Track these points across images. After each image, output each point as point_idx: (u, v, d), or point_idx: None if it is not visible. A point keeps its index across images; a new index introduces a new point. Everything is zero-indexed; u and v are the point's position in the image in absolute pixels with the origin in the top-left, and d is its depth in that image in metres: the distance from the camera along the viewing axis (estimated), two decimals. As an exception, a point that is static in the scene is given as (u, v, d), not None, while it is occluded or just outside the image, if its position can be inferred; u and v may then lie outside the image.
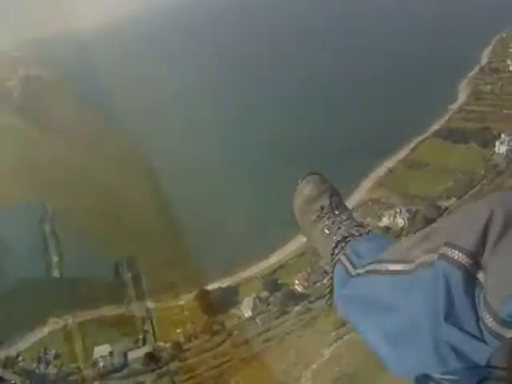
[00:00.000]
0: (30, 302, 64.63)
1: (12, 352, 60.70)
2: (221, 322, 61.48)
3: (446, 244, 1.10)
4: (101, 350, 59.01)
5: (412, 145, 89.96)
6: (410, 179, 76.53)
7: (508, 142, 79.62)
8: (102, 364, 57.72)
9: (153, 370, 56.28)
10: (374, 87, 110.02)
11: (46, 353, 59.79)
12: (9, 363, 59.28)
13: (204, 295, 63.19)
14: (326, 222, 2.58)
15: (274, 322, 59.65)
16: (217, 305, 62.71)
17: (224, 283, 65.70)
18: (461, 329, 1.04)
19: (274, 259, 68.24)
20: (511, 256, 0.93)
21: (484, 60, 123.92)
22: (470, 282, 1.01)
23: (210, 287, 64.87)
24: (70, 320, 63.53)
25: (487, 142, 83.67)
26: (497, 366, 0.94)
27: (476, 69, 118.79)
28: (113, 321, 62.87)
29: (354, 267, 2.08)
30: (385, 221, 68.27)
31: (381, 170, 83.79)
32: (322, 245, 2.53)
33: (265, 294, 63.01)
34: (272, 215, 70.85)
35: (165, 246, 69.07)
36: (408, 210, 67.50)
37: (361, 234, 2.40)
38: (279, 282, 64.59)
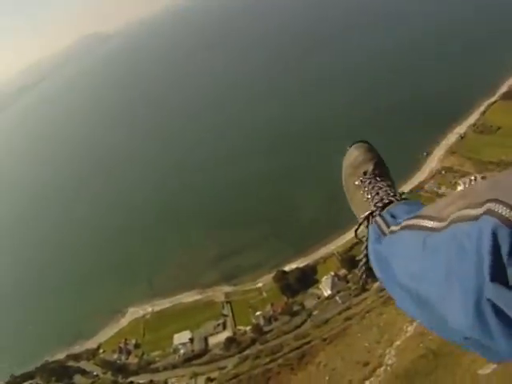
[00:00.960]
0: (110, 292, 65.97)
1: (92, 344, 61.92)
2: (300, 302, 60.13)
3: (494, 201, 1.05)
4: (181, 337, 59.35)
5: (482, 108, 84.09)
6: (482, 145, 71.59)
7: None
8: (182, 351, 57.81)
9: (234, 355, 55.66)
10: (438, 53, 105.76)
11: (126, 343, 60.65)
12: (90, 355, 60.46)
13: (282, 276, 61.69)
14: (367, 188, 2.60)
15: (353, 300, 57.60)
16: (295, 285, 61.15)
17: (301, 263, 64.14)
18: (510, 288, 0.98)
19: (349, 236, 65.59)
20: None
21: None
22: None
23: (287, 268, 63.40)
24: (149, 309, 64.03)
25: None
26: None
27: None
28: (192, 307, 62.86)
29: (388, 226, 2.09)
30: (460, 189, 63.21)
31: (451, 137, 78.92)
32: (362, 208, 2.55)
33: (343, 271, 60.99)
34: (343, 195, 68.61)
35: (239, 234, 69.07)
36: (483, 177, 62.90)
37: (398, 200, 2.40)
38: (357, 258, 61.80)
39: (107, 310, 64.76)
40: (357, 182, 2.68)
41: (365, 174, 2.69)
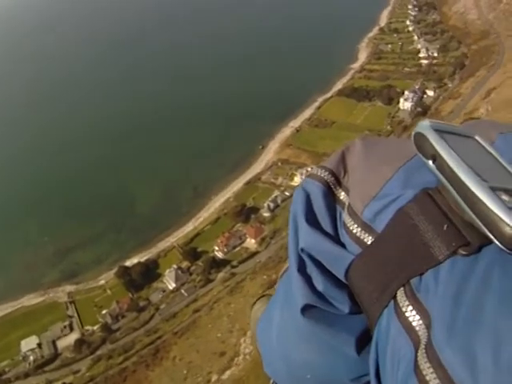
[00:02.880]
0: None
1: None
2: (146, 297, 61.99)
3: (319, 166, 1.11)
4: (28, 343, 57.91)
5: (316, 104, 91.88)
6: (317, 138, 78.66)
7: (412, 98, 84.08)
8: (31, 358, 56.43)
9: (86, 357, 55.87)
10: (276, 49, 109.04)
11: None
12: None
13: (124, 272, 62.77)
14: None
15: (200, 292, 61.00)
16: (139, 280, 62.73)
17: (142, 257, 65.81)
18: (320, 230, 1.00)
19: (188, 228, 68.97)
20: (371, 163, 1.00)
21: (383, 20, 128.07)
22: (331, 194, 1.04)
23: (128, 263, 64.70)
24: (-12, 316, 61.18)
25: (391, 99, 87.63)
26: (353, 280, 0.91)
27: (375, 30, 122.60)
28: (36, 310, 61.47)
29: None
30: (297, 180, 70.27)
31: (287, 130, 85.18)
32: None
33: (185, 263, 64.19)
34: (181, 185, 71.04)
35: (75, 227, 67.47)
36: (319, 168, 69.64)
37: None
38: (198, 250, 65.85)
39: None
40: None
41: None
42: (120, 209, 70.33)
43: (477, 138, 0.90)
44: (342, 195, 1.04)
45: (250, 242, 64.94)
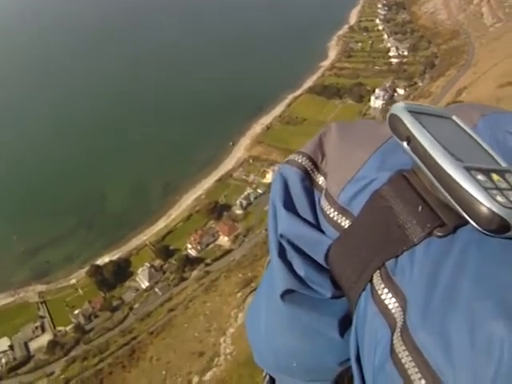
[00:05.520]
0: None
1: None
2: (119, 296, 61.44)
3: (297, 153, 1.14)
4: (-1, 345, 56.63)
5: (287, 101, 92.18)
6: (288, 135, 78.60)
7: (383, 97, 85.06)
8: (3, 360, 55.35)
9: (59, 358, 55.02)
10: (244, 47, 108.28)
11: None
12: None
13: (96, 271, 61.91)
14: None
15: (174, 290, 60.81)
16: (111, 279, 62.09)
17: (113, 256, 65.11)
18: (298, 216, 1.00)
19: (160, 225, 68.54)
20: (347, 146, 1.01)
21: (353, 19, 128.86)
22: (308, 179, 1.04)
23: (99, 261, 63.92)
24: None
25: (362, 97, 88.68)
26: (332, 264, 0.91)
27: (345, 28, 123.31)
28: (5, 311, 60.12)
29: None
30: (269, 177, 70.51)
31: (257, 128, 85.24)
32: None
33: (158, 261, 63.91)
34: (151, 183, 70.45)
35: (44, 226, 66.04)
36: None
37: None
38: (171, 247, 65.57)
39: None
40: None
41: None
42: (90, 207, 69.17)
43: (454, 118, 0.90)
44: (321, 180, 1.04)
45: (224, 240, 65.18)
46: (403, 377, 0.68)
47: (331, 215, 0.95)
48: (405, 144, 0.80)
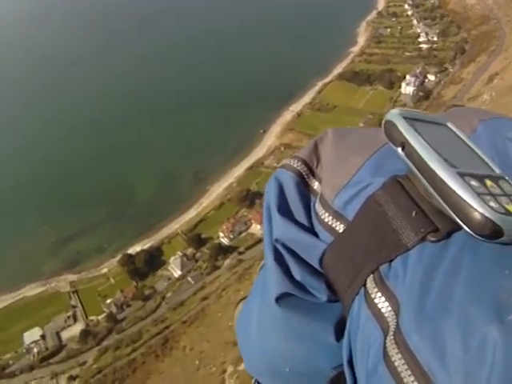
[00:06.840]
0: None
1: None
2: (151, 285, 60.56)
3: (293, 157, 1.12)
4: (31, 335, 56.03)
5: (317, 88, 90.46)
6: (319, 122, 76.64)
7: (414, 83, 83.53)
8: (35, 350, 54.71)
9: (92, 348, 54.49)
10: (274, 34, 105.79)
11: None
12: None
13: (128, 260, 61.04)
14: None
15: (207, 279, 59.82)
16: (143, 268, 61.21)
17: (145, 245, 64.14)
18: (293, 220, 0.99)
19: (191, 214, 67.61)
20: (343, 152, 1.01)
21: (381, 5, 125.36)
22: (303, 183, 1.04)
23: (131, 251, 63.03)
24: (-12, 307, 58.98)
25: (392, 83, 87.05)
26: (326, 269, 0.90)
27: (373, 13, 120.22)
28: (37, 301, 59.38)
29: None
30: None
31: (287, 115, 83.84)
32: None
33: (190, 250, 62.82)
34: (181, 172, 69.78)
35: (74, 216, 65.62)
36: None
37: None
38: (203, 236, 64.45)
39: None
40: None
41: None
42: (120, 197, 68.40)
43: (448, 124, 0.90)
44: (316, 185, 1.03)
45: (256, 228, 63.73)
46: (396, 379, 0.68)
47: (326, 220, 0.95)
48: (399, 150, 0.80)
